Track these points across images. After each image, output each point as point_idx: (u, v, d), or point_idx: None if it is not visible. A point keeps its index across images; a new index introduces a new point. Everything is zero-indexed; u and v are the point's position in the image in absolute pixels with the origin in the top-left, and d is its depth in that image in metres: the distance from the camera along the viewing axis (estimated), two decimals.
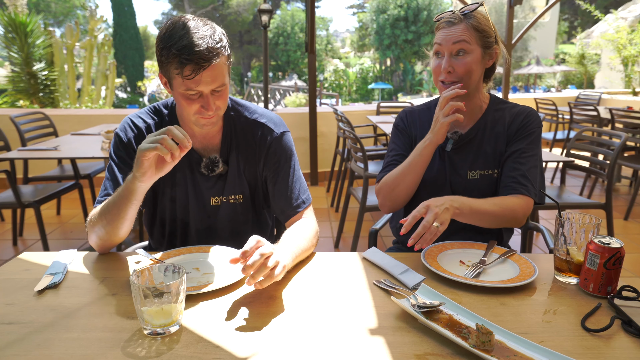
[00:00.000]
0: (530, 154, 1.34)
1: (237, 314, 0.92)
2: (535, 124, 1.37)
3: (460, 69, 1.30)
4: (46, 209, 4.13)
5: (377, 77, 31.97)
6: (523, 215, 1.29)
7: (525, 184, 1.31)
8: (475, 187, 1.37)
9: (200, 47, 1.06)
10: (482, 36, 1.30)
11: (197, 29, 1.08)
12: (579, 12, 31.12)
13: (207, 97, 1.13)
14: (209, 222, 1.36)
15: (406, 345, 0.81)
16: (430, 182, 1.41)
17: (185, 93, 1.12)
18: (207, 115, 1.15)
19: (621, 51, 10.25)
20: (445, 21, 1.32)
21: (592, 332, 0.85)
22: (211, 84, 1.11)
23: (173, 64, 1.08)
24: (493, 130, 1.39)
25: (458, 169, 1.40)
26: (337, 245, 3.33)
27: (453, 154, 1.41)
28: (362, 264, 1.17)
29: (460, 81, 1.31)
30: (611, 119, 4.81)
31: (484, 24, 1.31)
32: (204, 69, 1.08)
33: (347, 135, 3.22)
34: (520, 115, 1.38)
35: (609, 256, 0.94)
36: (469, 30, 1.29)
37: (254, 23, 34.34)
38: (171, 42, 1.07)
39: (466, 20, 1.29)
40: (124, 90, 25.80)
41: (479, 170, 1.38)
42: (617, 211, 4.03)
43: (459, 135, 1.40)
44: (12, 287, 1.03)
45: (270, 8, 7.40)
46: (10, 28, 8.15)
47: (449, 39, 1.29)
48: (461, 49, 1.29)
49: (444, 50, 1.30)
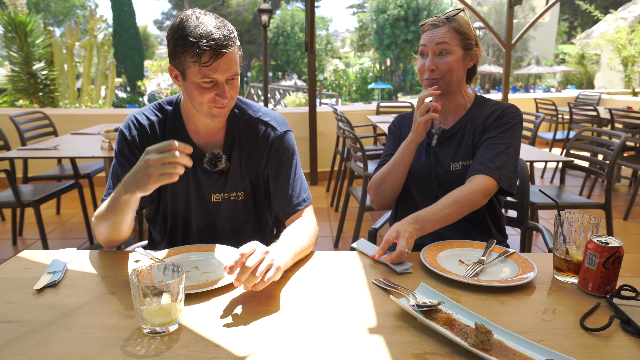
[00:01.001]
0: (501, 141, 1.38)
1: (237, 313, 0.92)
2: (511, 116, 1.41)
3: (443, 67, 1.39)
4: (46, 209, 4.13)
5: (376, 77, 31.97)
6: (483, 195, 1.31)
7: (488, 165, 1.34)
8: (457, 177, 1.42)
9: (218, 35, 1.09)
10: (463, 38, 1.40)
11: (211, 20, 1.11)
12: (578, 13, 31.12)
13: (222, 85, 1.15)
14: (209, 219, 1.36)
15: (405, 345, 0.81)
16: (417, 175, 1.50)
17: (201, 82, 1.13)
18: (221, 104, 1.17)
19: (621, 51, 10.25)
20: (430, 24, 1.42)
21: (591, 331, 0.85)
22: (227, 72, 1.13)
23: (190, 53, 1.09)
24: (473, 124, 1.46)
25: (442, 162, 1.47)
26: (336, 245, 3.33)
27: (437, 148, 1.49)
28: (362, 263, 1.17)
29: (442, 79, 1.40)
30: (611, 119, 4.82)
31: (465, 27, 1.41)
32: (222, 56, 1.10)
33: (347, 135, 3.22)
34: (498, 109, 1.44)
35: (608, 255, 0.94)
36: (451, 32, 1.39)
37: (254, 23, 34.35)
38: (187, 32, 1.08)
39: (449, 23, 1.40)
40: (123, 89, 25.81)
41: (460, 161, 1.44)
42: (616, 211, 4.03)
43: (442, 131, 1.48)
44: (11, 286, 1.03)
45: (270, 8, 7.40)
46: (10, 27, 8.15)
47: (432, 39, 1.39)
48: (443, 49, 1.39)
49: (428, 50, 1.40)
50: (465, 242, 1.25)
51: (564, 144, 5.62)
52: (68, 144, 3.12)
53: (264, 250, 0.98)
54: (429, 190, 1.48)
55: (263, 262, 0.95)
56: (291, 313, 0.92)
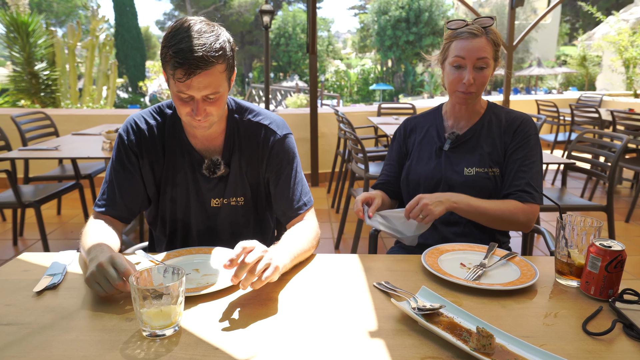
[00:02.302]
0: (532, 161, 1.40)
1: (237, 315, 0.92)
2: (532, 130, 1.43)
3: (480, 82, 1.37)
4: (46, 209, 4.13)
5: (378, 78, 31.94)
6: (528, 219, 1.35)
7: (529, 191, 1.36)
8: (471, 184, 1.42)
9: (196, 53, 1.05)
10: (496, 50, 1.38)
11: (200, 35, 1.07)
12: (580, 14, 31.10)
13: (197, 102, 1.12)
14: (209, 223, 1.35)
15: (406, 348, 0.81)
16: (426, 178, 1.48)
17: (178, 94, 1.13)
18: (196, 119, 1.15)
19: (623, 53, 10.24)
20: (468, 32, 1.35)
21: (593, 335, 0.84)
22: (202, 90, 1.11)
23: (169, 65, 1.09)
24: (490, 131, 1.45)
25: (454, 166, 1.45)
26: (337, 247, 3.32)
27: (450, 152, 1.47)
28: (362, 265, 1.17)
29: (477, 93, 1.39)
30: (612, 121, 4.81)
31: (499, 38, 1.38)
32: (195, 75, 1.07)
33: (348, 136, 3.22)
34: (516, 121, 1.44)
35: (611, 259, 0.94)
36: (489, 45, 1.35)
37: (256, 24, 34.37)
38: (171, 43, 1.07)
39: (487, 35, 1.35)
40: (125, 90, 25.82)
41: (475, 167, 1.43)
42: (618, 213, 4.02)
43: (456, 136, 1.47)
44: (11, 288, 1.03)
45: (272, 9, 7.40)
46: (12, 28, 8.16)
47: (473, 52, 1.33)
48: (484, 65, 1.35)
49: (467, 63, 1.35)
50: (466, 245, 1.25)
51: (565, 145, 5.61)
52: (69, 144, 3.12)
53: (263, 248, 0.98)
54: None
55: (261, 261, 0.95)
56: (291, 316, 0.92)
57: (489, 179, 1.42)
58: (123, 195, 1.28)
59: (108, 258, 0.97)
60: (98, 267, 0.95)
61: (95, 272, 0.95)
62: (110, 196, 1.28)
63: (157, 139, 1.29)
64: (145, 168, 1.29)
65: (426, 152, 1.51)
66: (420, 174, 1.48)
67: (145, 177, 1.30)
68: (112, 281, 0.94)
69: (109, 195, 1.28)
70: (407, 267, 1.15)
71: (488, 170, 1.42)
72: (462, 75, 1.36)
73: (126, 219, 1.30)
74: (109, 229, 1.21)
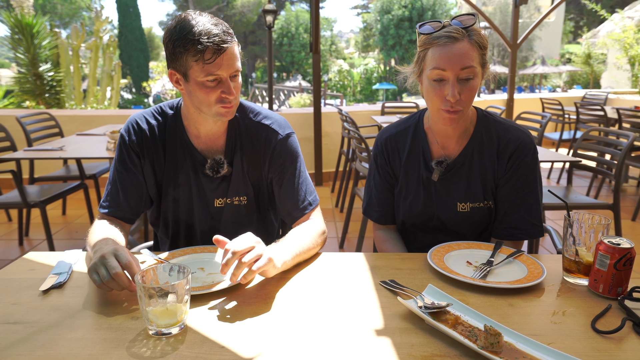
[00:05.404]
0: (528, 190, 1.26)
1: (242, 314, 0.92)
2: (528, 155, 1.25)
3: (467, 96, 1.14)
4: (52, 209, 4.15)
5: (381, 77, 31.91)
6: None
7: (523, 227, 1.27)
8: (465, 219, 1.31)
9: (217, 30, 1.09)
10: (483, 54, 1.16)
11: (209, 19, 1.12)
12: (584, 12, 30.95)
13: (226, 81, 1.14)
14: (212, 224, 1.35)
15: (413, 347, 0.80)
16: (417, 215, 1.36)
17: (205, 81, 1.12)
18: (228, 102, 1.16)
19: (628, 51, 10.17)
20: (446, 36, 1.11)
21: (602, 333, 0.83)
22: (230, 68, 1.13)
23: (191, 52, 1.09)
24: (481, 156, 1.28)
25: (447, 201, 1.31)
26: (341, 246, 3.32)
27: (440, 185, 1.31)
28: (368, 264, 1.16)
29: (465, 109, 1.17)
30: (618, 119, 4.77)
31: (484, 40, 1.15)
32: (224, 51, 1.10)
33: (352, 135, 3.21)
34: (509, 145, 1.25)
35: (619, 257, 0.93)
36: (473, 49, 1.12)
37: (259, 24, 34.40)
38: (186, 31, 1.08)
39: (470, 37, 1.12)
40: (129, 91, 25.94)
41: (469, 202, 1.29)
42: (624, 212, 4.00)
43: (447, 164, 1.29)
44: (17, 287, 1.03)
45: (275, 9, 7.40)
46: (17, 29, 8.21)
47: (455, 61, 1.11)
48: (470, 75, 1.13)
49: (450, 75, 1.12)
50: (473, 243, 1.24)
51: (570, 144, 5.58)
52: (74, 144, 3.13)
53: (255, 240, 0.98)
54: (430, 228, 1.37)
55: (252, 251, 0.95)
56: (297, 314, 0.92)
57: (484, 211, 1.31)
58: (127, 196, 1.28)
59: (111, 249, 0.98)
60: (100, 257, 0.96)
61: (97, 262, 0.95)
62: (114, 197, 1.28)
63: (158, 139, 1.29)
64: (146, 168, 1.29)
65: (413, 181, 1.34)
66: (412, 211, 1.35)
67: (147, 177, 1.30)
68: (111, 270, 0.92)
69: (113, 197, 1.28)
70: (412, 266, 1.14)
71: (484, 205, 1.30)
72: (445, 90, 1.13)
73: (131, 220, 1.31)
74: (114, 228, 1.21)
